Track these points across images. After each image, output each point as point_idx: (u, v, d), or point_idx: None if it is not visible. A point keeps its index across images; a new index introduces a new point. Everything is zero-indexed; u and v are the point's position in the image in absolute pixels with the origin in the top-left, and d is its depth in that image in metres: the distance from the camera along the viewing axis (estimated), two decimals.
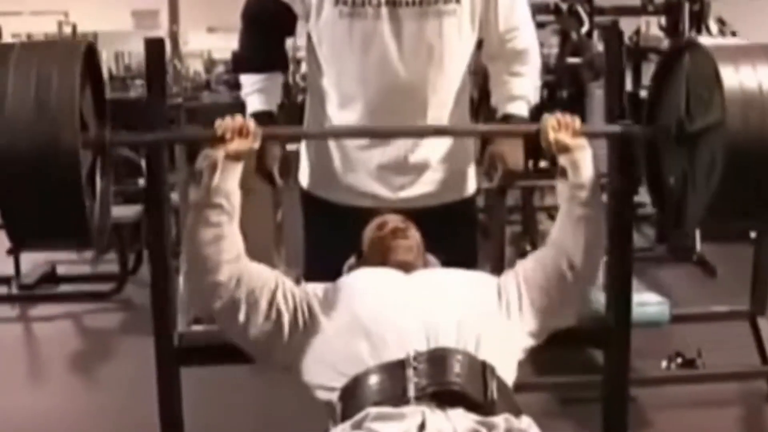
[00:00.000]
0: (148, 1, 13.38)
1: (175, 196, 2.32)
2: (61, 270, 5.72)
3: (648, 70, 6.86)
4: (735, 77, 1.86)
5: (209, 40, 14.78)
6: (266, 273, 1.96)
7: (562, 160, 2.03)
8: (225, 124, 1.97)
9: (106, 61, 15.04)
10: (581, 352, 3.80)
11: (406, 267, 2.06)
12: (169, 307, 2.20)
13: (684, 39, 2.37)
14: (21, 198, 1.77)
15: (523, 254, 5.65)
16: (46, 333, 4.84)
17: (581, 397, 3.41)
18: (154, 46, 2.19)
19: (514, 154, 2.36)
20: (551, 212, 6.72)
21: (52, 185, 1.75)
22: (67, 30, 11.41)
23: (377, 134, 2.32)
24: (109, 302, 5.27)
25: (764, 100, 1.85)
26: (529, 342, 2.00)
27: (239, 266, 1.92)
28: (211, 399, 3.24)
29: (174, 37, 9.95)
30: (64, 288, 5.54)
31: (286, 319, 1.91)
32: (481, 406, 1.72)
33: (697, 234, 5.74)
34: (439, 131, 2.33)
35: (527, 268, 2.04)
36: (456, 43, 2.30)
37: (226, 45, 15.14)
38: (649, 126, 2.15)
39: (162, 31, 13.88)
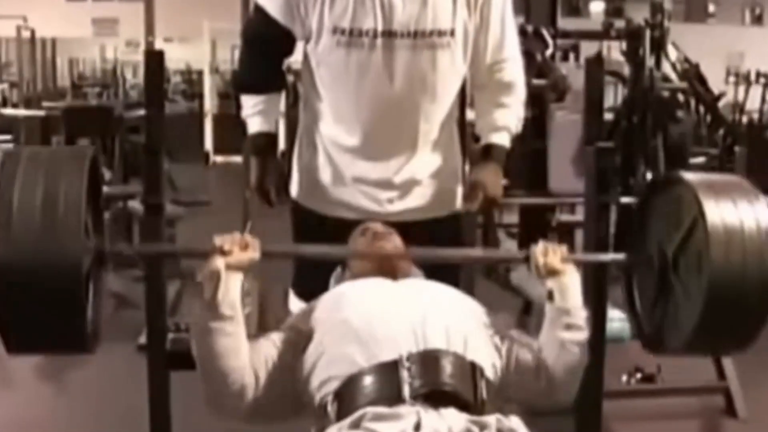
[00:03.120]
0: (108, 9, 13.30)
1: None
2: None
3: (608, 93, 7.03)
4: (716, 211, 1.93)
5: (166, 50, 14.76)
6: (267, 347, 1.98)
7: (550, 284, 2.06)
8: (225, 237, 1.99)
9: (60, 68, 15.01)
10: None
11: (391, 269, 2.13)
12: (162, 313, 2.26)
13: (665, 174, 2.47)
14: (20, 306, 1.75)
15: (484, 271, 5.81)
16: None
17: (547, 408, 3.46)
18: (153, 59, 2.23)
19: (494, 183, 2.45)
20: (510, 230, 6.85)
21: (53, 294, 1.73)
22: (26, 34, 11.34)
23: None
24: None
25: (744, 234, 1.92)
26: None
27: (255, 369, 1.95)
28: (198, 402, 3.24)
29: (150, 47, 9.89)
30: None
31: (295, 362, 1.95)
32: (472, 406, 1.78)
33: None
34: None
35: (515, 344, 2.05)
36: (448, 73, 2.39)
37: (182, 56, 15.19)
38: (633, 256, 2.22)
39: (120, 40, 13.86)
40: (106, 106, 9.19)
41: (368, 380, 1.81)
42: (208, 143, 12.62)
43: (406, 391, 1.76)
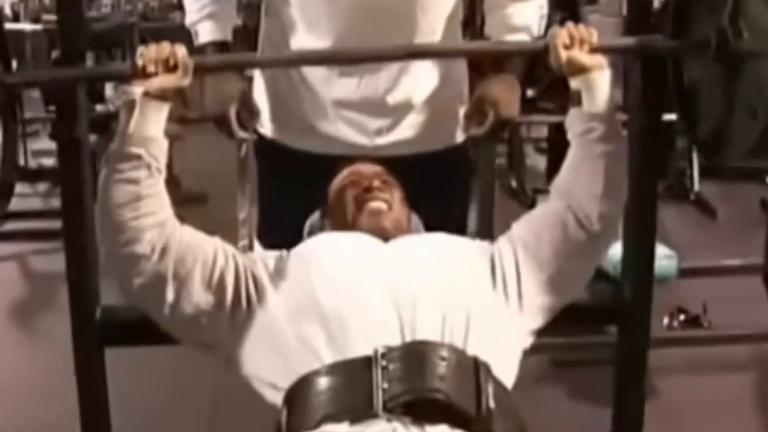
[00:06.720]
0: None
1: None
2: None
3: None
4: None
5: None
6: (202, 241, 1.61)
7: (576, 83, 1.70)
8: (147, 54, 1.61)
9: None
10: None
11: (384, 234, 1.69)
12: (90, 276, 1.83)
13: None
14: None
15: (509, 191, 5.42)
16: None
17: (574, 359, 3.20)
18: None
19: (508, 99, 1.98)
20: (539, 145, 6.42)
21: None
22: None
23: (338, 60, 1.93)
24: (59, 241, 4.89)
25: None
26: (537, 322, 1.65)
27: (165, 233, 1.56)
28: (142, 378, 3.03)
29: None
30: (11, 226, 5.11)
31: (227, 296, 1.56)
32: (473, 421, 1.35)
33: (696, 171, 5.43)
34: (413, 53, 1.90)
35: (526, 232, 1.68)
36: None
37: None
38: (682, 39, 1.85)
39: None
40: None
41: (329, 382, 1.40)
42: None
43: (379, 399, 1.34)
